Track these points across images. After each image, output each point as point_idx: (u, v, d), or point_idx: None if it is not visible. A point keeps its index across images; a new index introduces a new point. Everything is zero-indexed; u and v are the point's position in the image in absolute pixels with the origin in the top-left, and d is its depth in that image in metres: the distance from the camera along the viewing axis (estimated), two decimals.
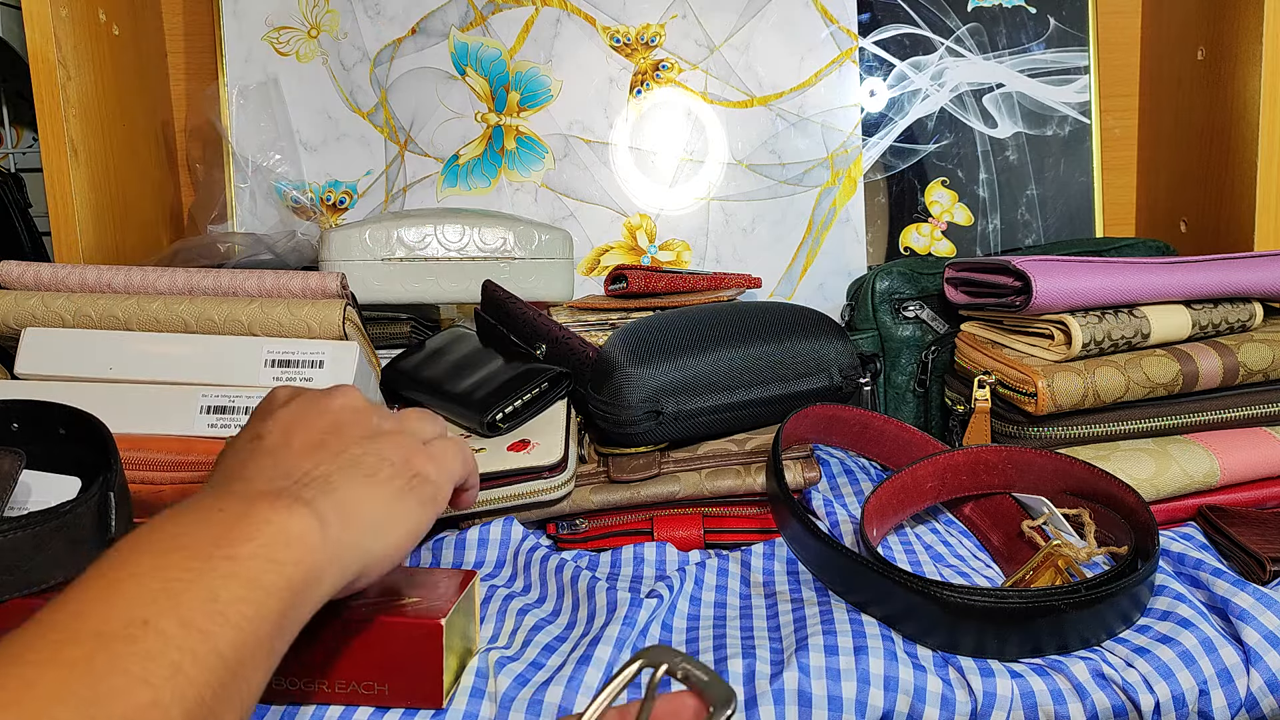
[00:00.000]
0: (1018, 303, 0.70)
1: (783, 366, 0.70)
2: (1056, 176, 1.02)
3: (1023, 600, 0.51)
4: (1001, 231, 1.03)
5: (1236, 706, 0.50)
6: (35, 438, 0.58)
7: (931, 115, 1.02)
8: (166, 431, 0.63)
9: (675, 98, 1.02)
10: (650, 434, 0.67)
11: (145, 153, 0.97)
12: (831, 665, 0.50)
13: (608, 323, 0.85)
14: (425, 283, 0.85)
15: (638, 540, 0.66)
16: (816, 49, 1.02)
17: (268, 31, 1.01)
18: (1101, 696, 0.49)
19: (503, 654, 0.52)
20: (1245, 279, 0.72)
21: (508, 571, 0.63)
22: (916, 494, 0.65)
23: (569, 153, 1.02)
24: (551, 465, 0.64)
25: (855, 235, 1.02)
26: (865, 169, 1.02)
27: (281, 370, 0.65)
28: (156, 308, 0.67)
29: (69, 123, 0.82)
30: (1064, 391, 0.67)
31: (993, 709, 0.49)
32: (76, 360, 0.65)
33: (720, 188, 1.02)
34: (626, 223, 1.02)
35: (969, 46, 1.02)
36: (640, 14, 1.02)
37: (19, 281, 0.69)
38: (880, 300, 0.84)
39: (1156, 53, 1.01)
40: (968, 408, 0.73)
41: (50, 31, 0.80)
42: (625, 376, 0.66)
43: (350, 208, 1.02)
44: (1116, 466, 0.65)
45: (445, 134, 1.02)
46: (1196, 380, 0.69)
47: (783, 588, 0.60)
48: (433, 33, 1.01)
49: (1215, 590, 0.56)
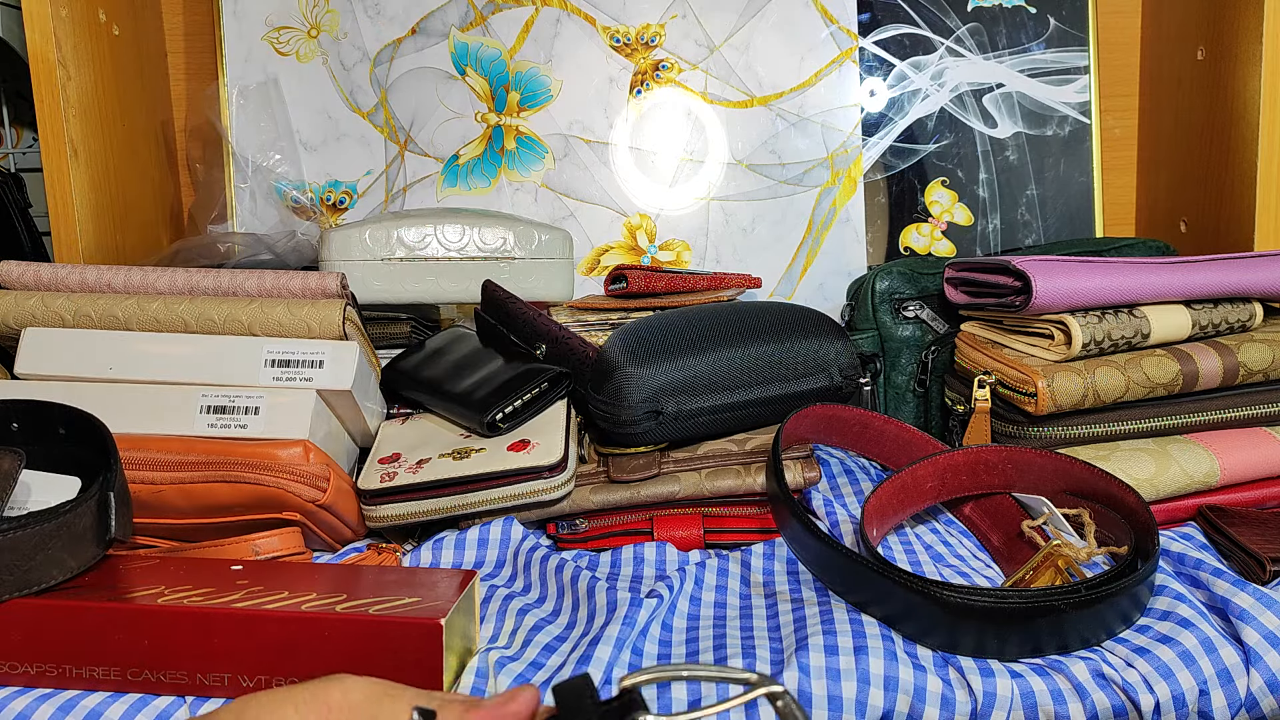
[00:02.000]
0: (1018, 303, 0.70)
1: (783, 366, 0.70)
2: (1056, 176, 1.02)
3: (1023, 600, 0.51)
4: (1001, 231, 1.03)
5: (1236, 706, 0.50)
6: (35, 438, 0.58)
7: (931, 115, 1.02)
8: (166, 431, 0.63)
9: (675, 98, 1.02)
10: (650, 434, 0.67)
11: (145, 153, 0.97)
12: (831, 665, 0.50)
13: (608, 323, 0.85)
14: (425, 283, 0.85)
15: (638, 540, 0.66)
16: (816, 49, 1.02)
17: (268, 31, 1.01)
18: (1101, 696, 0.49)
19: (503, 654, 0.52)
20: (1245, 279, 0.72)
21: (508, 571, 0.63)
22: (916, 494, 0.65)
23: (569, 153, 1.02)
24: (551, 465, 0.64)
25: (855, 235, 1.02)
26: (865, 169, 1.02)
27: (281, 370, 0.65)
28: (156, 308, 0.67)
29: (69, 123, 0.82)
30: (1064, 391, 0.67)
31: (993, 709, 0.49)
32: (76, 360, 0.65)
33: (720, 188, 1.02)
34: (626, 223, 1.02)
35: (969, 46, 1.02)
36: (640, 14, 1.02)
37: (19, 281, 0.69)
38: (880, 300, 0.84)
39: (1156, 53, 1.01)
40: (968, 408, 0.73)
41: (50, 31, 0.80)
42: (625, 376, 0.66)
43: (350, 208, 1.02)
44: (1116, 466, 0.66)
45: (445, 134, 1.02)
46: (1196, 380, 0.69)
47: (783, 588, 0.60)
48: (433, 33, 1.01)
49: (1215, 590, 0.56)
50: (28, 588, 0.49)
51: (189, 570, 0.54)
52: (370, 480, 0.65)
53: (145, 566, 0.54)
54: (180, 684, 0.49)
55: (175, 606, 0.49)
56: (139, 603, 0.49)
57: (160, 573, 0.53)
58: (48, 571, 0.50)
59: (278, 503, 0.62)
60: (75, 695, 0.49)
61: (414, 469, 0.65)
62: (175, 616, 0.48)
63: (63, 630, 0.49)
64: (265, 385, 0.65)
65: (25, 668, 0.49)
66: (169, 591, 0.50)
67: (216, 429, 0.63)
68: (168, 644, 0.49)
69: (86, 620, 0.49)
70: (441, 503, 0.64)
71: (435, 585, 0.51)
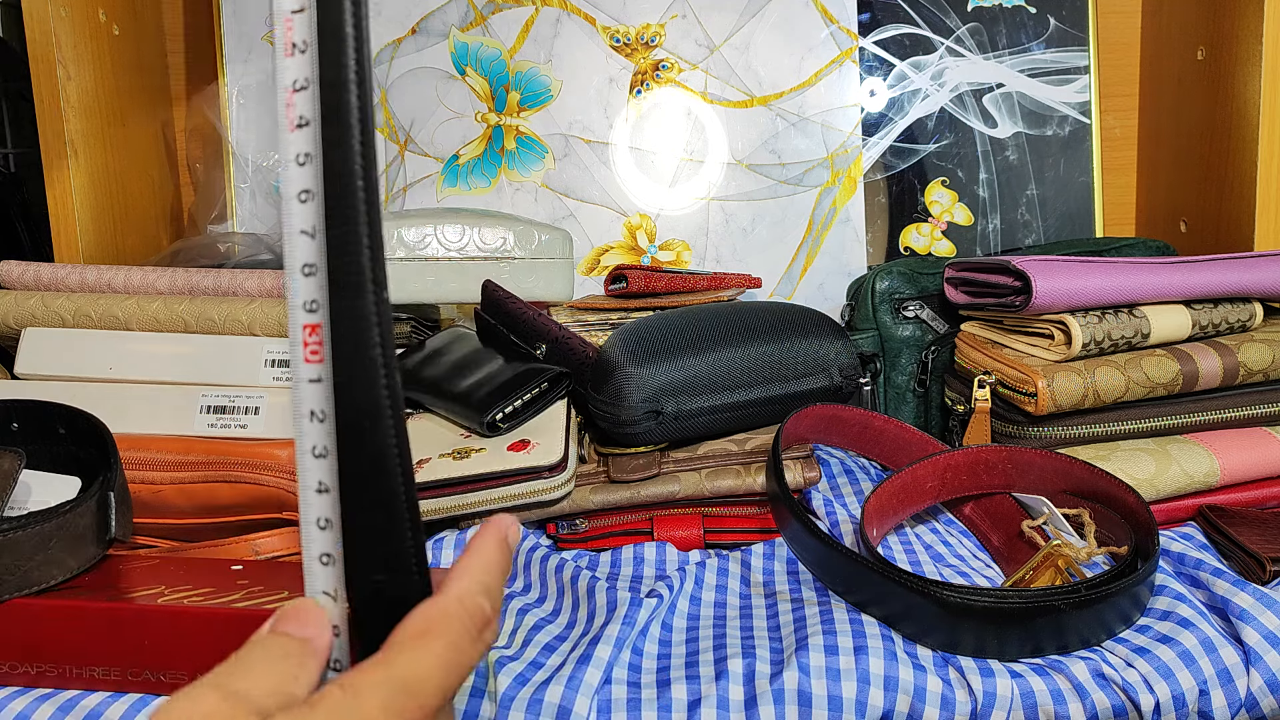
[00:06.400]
0: (1018, 303, 0.70)
1: (783, 366, 0.70)
2: (1056, 176, 1.02)
3: (1023, 600, 0.51)
4: (1001, 231, 1.03)
5: (1236, 706, 0.50)
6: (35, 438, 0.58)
7: (931, 115, 1.02)
8: (166, 431, 0.63)
9: (675, 98, 1.02)
10: (650, 434, 0.67)
11: (145, 153, 0.97)
12: (831, 665, 0.50)
13: (608, 323, 0.85)
14: (425, 283, 0.85)
15: (638, 540, 0.66)
16: (816, 49, 1.02)
17: (268, 31, 1.01)
18: (1101, 696, 0.49)
19: (503, 654, 0.52)
20: (1245, 279, 0.72)
21: None
22: (916, 494, 0.65)
23: (569, 153, 1.02)
24: (551, 465, 0.64)
25: (855, 235, 1.02)
26: (865, 169, 1.02)
27: (281, 370, 0.65)
28: (156, 308, 0.67)
29: (69, 123, 0.82)
30: (1064, 391, 0.67)
31: (993, 709, 0.49)
32: (76, 360, 0.65)
33: (720, 188, 1.02)
34: (626, 223, 1.02)
35: (969, 46, 1.02)
36: (640, 14, 1.02)
37: (19, 281, 0.69)
38: (880, 300, 0.84)
39: (1156, 53, 1.01)
40: (968, 408, 0.73)
41: (50, 31, 0.80)
42: (625, 376, 0.66)
43: None
44: (1116, 466, 0.65)
45: (445, 134, 1.02)
46: (1196, 380, 0.69)
47: (783, 588, 0.60)
48: (433, 32, 1.01)
49: (1215, 590, 0.56)
50: (28, 588, 0.49)
51: (189, 570, 0.54)
52: None
53: (145, 566, 0.54)
54: (180, 684, 0.49)
55: (175, 606, 0.49)
56: (139, 603, 0.49)
57: (160, 573, 0.53)
58: (48, 571, 0.50)
59: (278, 503, 0.62)
60: (75, 695, 0.49)
61: (414, 469, 0.65)
62: (175, 616, 0.48)
63: (63, 630, 0.49)
64: (265, 385, 0.65)
65: (25, 668, 0.49)
66: (169, 591, 0.50)
67: (216, 429, 0.63)
68: (168, 644, 0.48)
69: (86, 620, 0.49)
70: (441, 503, 0.64)
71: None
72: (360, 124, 0.32)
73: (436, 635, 0.33)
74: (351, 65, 0.31)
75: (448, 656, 0.32)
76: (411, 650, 0.32)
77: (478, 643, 0.34)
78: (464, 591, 0.34)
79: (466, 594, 0.34)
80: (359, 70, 0.31)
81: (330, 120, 0.32)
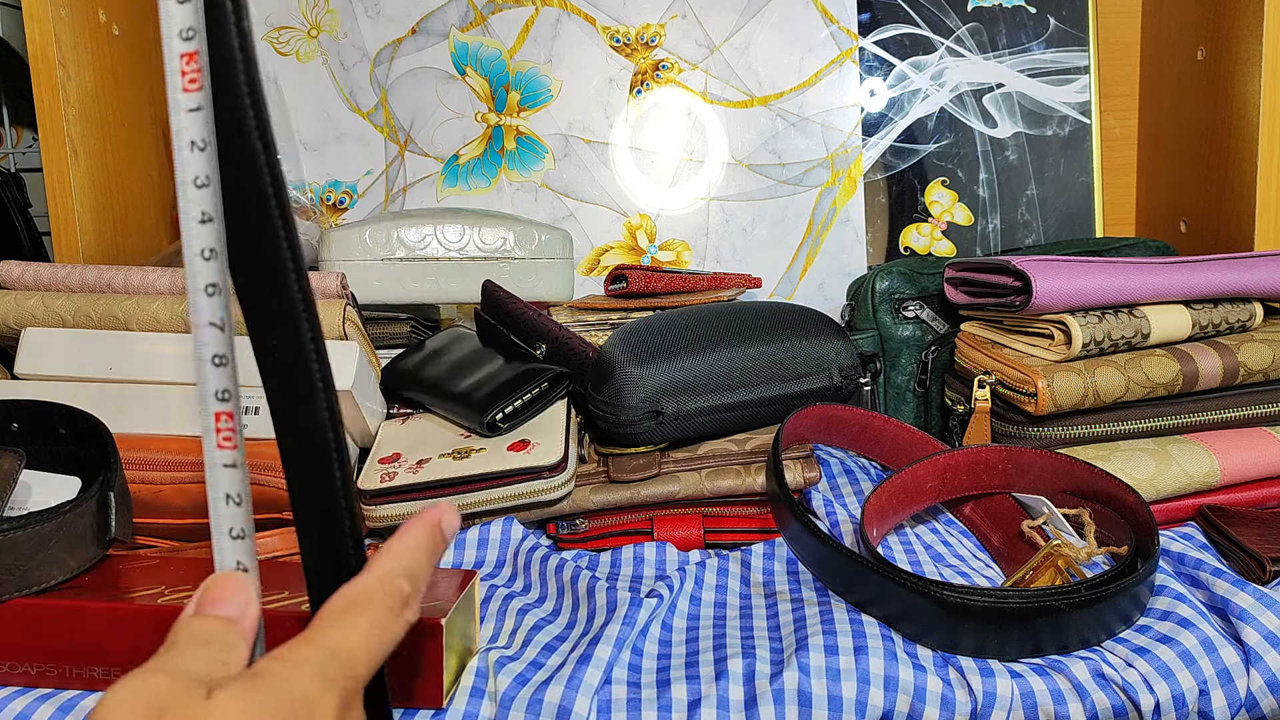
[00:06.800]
0: (1018, 303, 0.70)
1: (783, 366, 0.70)
2: (1056, 176, 1.02)
3: (1023, 600, 0.51)
4: (1001, 231, 1.03)
5: (1236, 706, 0.50)
6: (35, 438, 0.58)
7: (931, 115, 1.02)
8: (166, 431, 0.63)
9: (675, 98, 1.02)
10: (650, 434, 0.67)
11: (145, 153, 0.97)
12: (831, 665, 0.50)
13: (608, 323, 0.85)
14: (425, 283, 0.85)
15: (638, 540, 0.66)
16: (816, 49, 1.02)
17: (268, 31, 1.01)
18: (1101, 696, 0.49)
19: (503, 654, 0.52)
20: (1245, 279, 0.72)
21: (508, 571, 0.63)
22: (916, 494, 0.65)
23: (569, 153, 1.02)
24: (551, 465, 0.64)
25: (855, 235, 1.02)
26: (865, 169, 1.02)
27: None
28: (156, 308, 0.66)
29: (69, 123, 0.82)
30: (1064, 391, 0.67)
31: (993, 709, 0.49)
32: (76, 360, 0.65)
33: (720, 188, 1.02)
34: (626, 223, 1.02)
35: (969, 46, 1.02)
36: (640, 14, 1.02)
37: (19, 281, 0.69)
38: (880, 300, 0.84)
39: (1156, 53, 1.01)
40: (968, 408, 0.73)
41: (50, 31, 0.80)
42: (625, 376, 0.66)
43: (350, 208, 1.02)
44: (1116, 466, 0.65)
45: (445, 134, 1.02)
46: (1196, 380, 0.69)
47: (783, 588, 0.60)
48: (433, 32, 1.01)
49: (1215, 590, 0.56)
50: (28, 588, 0.49)
51: (189, 570, 0.54)
52: (370, 480, 0.65)
53: (145, 566, 0.54)
54: None
55: (175, 606, 0.48)
56: (139, 603, 0.49)
57: (160, 573, 0.53)
58: (48, 571, 0.50)
59: (278, 503, 0.62)
60: (75, 695, 0.49)
61: (414, 469, 0.65)
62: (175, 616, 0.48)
63: (63, 630, 0.49)
64: None
65: (25, 668, 0.49)
66: (169, 591, 0.50)
67: None
68: None
69: (86, 620, 0.49)
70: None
71: (435, 585, 0.51)
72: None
73: (360, 610, 0.36)
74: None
75: (371, 631, 0.35)
76: (337, 623, 0.35)
77: (399, 619, 0.37)
78: (386, 572, 0.37)
79: (388, 574, 0.37)
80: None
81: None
